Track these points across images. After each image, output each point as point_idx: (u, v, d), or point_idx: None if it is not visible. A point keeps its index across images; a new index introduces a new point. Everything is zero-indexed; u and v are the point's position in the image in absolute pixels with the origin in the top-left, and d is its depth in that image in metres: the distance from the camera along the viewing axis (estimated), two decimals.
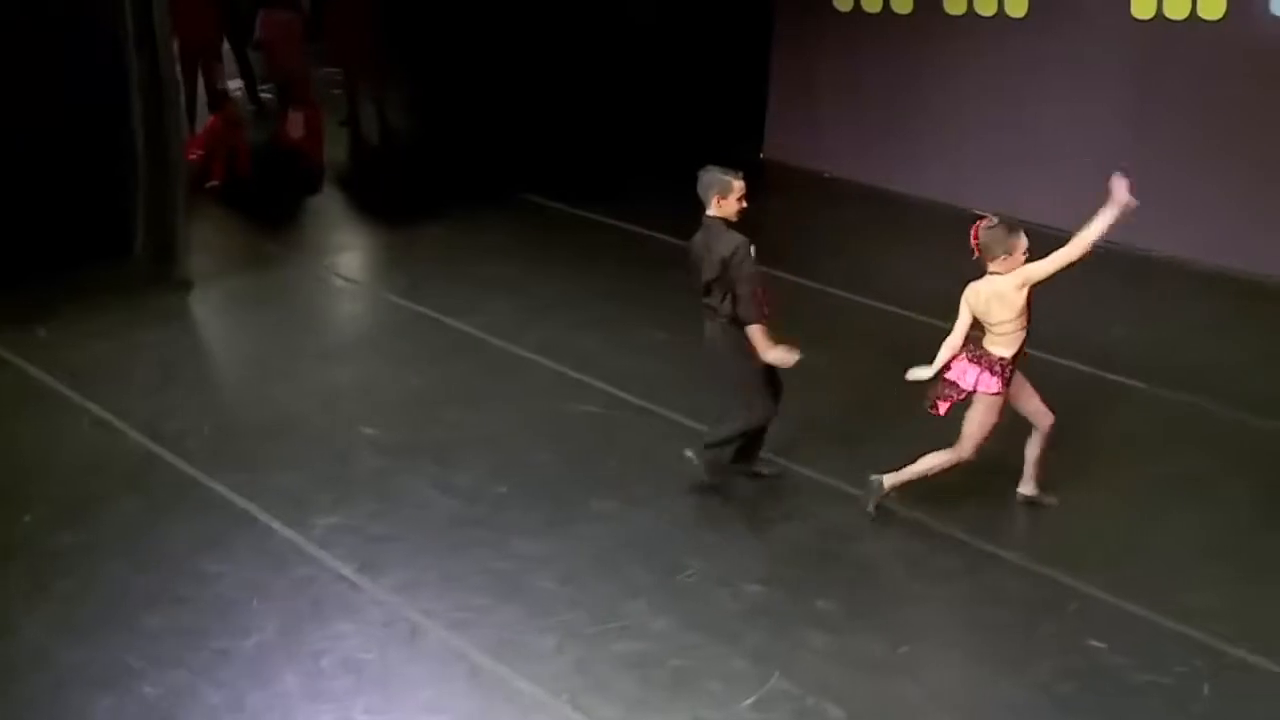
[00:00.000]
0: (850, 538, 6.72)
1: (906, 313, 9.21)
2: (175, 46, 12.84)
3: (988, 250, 6.34)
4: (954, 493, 6.85)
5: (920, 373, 6.59)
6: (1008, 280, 6.33)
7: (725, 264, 6.47)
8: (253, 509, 6.80)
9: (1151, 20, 10.15)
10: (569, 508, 6.90)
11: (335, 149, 13.51)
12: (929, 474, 6.67)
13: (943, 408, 6.58)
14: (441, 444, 7.54)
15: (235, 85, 14.88)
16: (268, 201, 12.19)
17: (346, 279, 10.35)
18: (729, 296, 6.52)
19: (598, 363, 8.53)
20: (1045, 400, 6.68)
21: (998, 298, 6.35)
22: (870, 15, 11.69)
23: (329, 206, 12.44)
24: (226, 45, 14.58)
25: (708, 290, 6.61)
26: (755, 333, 6.52)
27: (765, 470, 7.18)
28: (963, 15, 11.18)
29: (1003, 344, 6.43)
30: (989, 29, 11.07)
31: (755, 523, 6.90)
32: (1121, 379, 8.49)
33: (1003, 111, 11.11)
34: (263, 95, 15.04)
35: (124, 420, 7.73)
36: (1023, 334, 6.44)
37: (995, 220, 6.39)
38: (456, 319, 9.34)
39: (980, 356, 6.47)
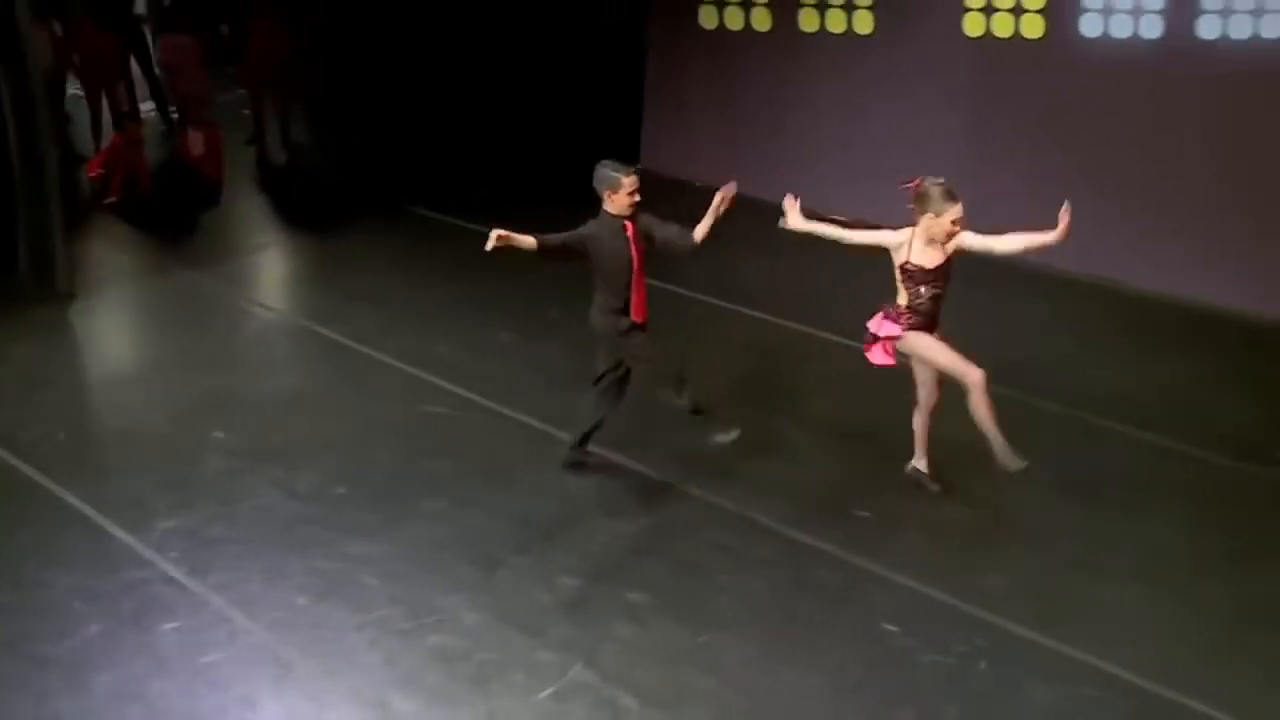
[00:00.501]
0: (674, 534, 6.69)
1: (767, 316, 9.15)
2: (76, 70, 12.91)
3: (921, 203, 6.40)
4: (781, 488, 6.92)
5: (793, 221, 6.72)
6: (934, 229, 6.36)
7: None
8: (93, 514, 6.68)
9: (981, 38, 10.21)
10: (403, 507, 6.83)
11: (239, 166, 13.30)
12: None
13: (876, 355, 6.60)
14: (289, 447, 7.43)
15: (148, 107, 14.61)
16: (165, 217, 11.98)
17: (225, 290, 10.16)
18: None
19: (453, 367, 8.44)
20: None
21: (920, 241, 6.41)
22: (733, 32, 11.67)
23: (223, 221, 12.25)
24: (137, 68, 14.31)
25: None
26: None
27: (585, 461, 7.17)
28: (816, 33, 11.19)
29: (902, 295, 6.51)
30: (840, 46, 11.08)
31: (581, 520, 6.81)
32: None
33: (854, 124, 11.13)
34: (173, 115, 14.77)
35: None
36: (931, 294, 6.46)
37: (942, 181, 6.40)
38: (324, 327, 9.26)
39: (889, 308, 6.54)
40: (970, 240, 6.39)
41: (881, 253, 6.58)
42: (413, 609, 5.95)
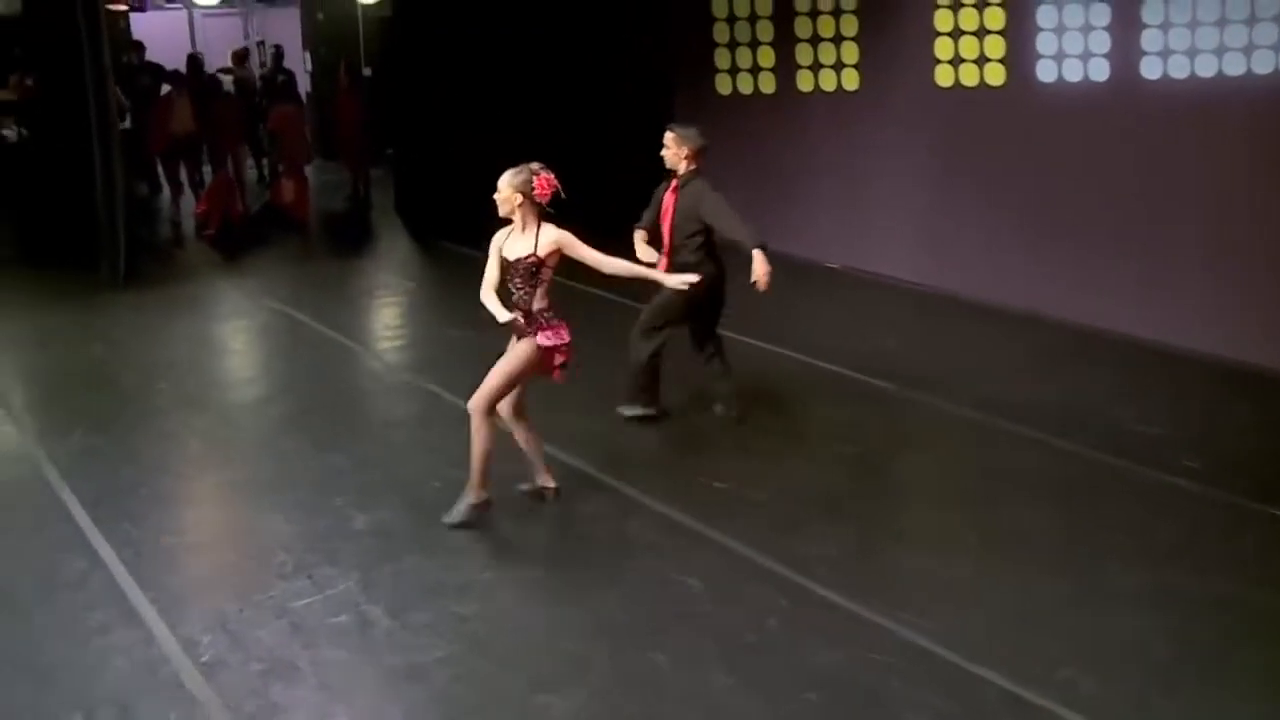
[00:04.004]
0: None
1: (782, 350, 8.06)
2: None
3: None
4: (647, 459, 6.16)
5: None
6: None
7: None
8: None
9: (951, 88, 9.25)
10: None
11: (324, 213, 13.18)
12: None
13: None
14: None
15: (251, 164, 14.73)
16: (247, 246, 11.70)
17: (244, 293, 9.84)
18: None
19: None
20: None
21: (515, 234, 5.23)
22: (745, 96, 10.89)
23: (288, 251, 11.86)
24: None
25: None
26: None
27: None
28: (811, 91, 10.33)
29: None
30: (831, 102, 10.21)
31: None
32: (867, 379, 7.37)
33: (845, 178, 10.21)
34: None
35: None
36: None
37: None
38: (300, 312, 8.98)
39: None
40: (577, 247, 5.19)
41: None
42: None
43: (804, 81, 10.37)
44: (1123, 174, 8.26)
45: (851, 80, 10.04)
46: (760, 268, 5.98)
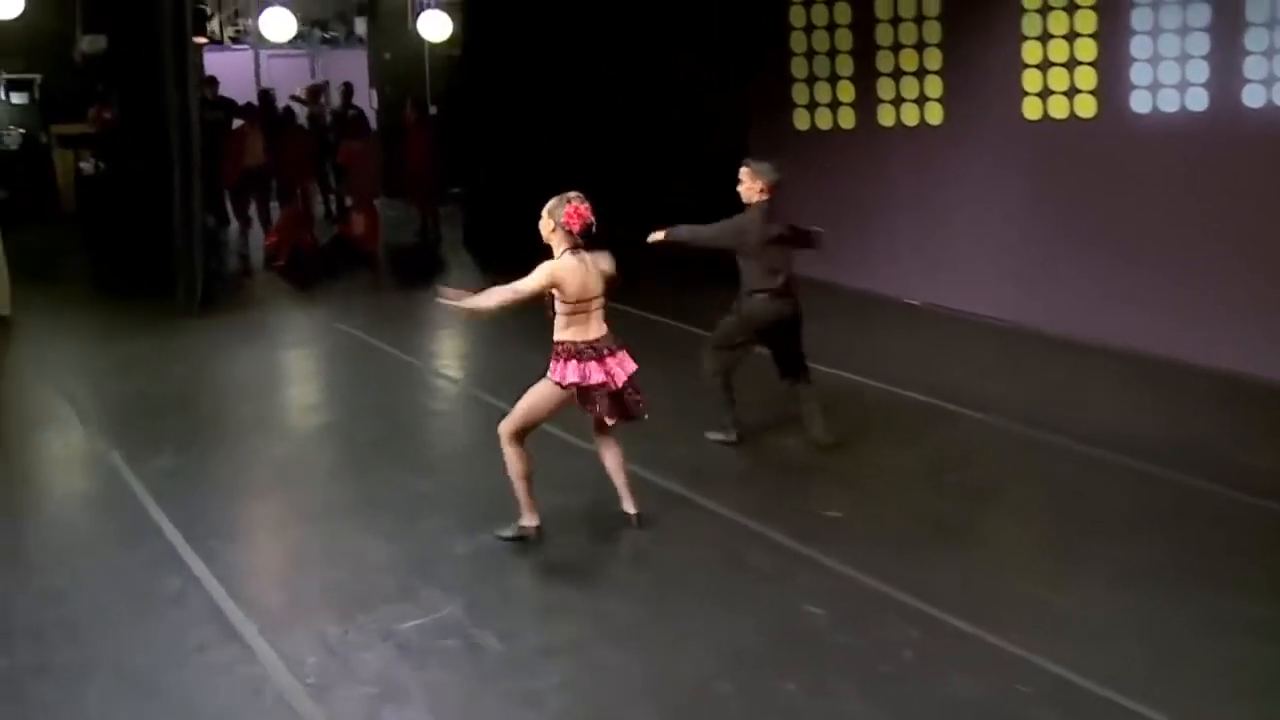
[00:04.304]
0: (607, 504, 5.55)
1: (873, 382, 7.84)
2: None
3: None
4: (753, 484, 5.95)
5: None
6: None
7: None
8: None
9: (1039, 121, 9.06)
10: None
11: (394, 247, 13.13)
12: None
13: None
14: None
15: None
16: (317, 277, 11.65)
17: (317, 320, 9.83)
18: None
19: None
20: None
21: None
22: (824, 131, 10.76)
23: (358, 282, 11.79)
24: None
25: None
26: None
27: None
28: (892, 126, 10.17)
29: None
30: (913, 137, 10.05)
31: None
32: (959, 409, 7.14)
33: (928, 213, 10.01)
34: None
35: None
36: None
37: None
38: (373, 338, 8.91)
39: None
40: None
41: None
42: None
43: (885, 116, 10.22)
44: (1223, 204, 8.02)
45: (935, 114, 9.89)
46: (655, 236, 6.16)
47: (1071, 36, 8.78)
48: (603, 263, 5.22)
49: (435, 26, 16.26)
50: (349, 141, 13.23)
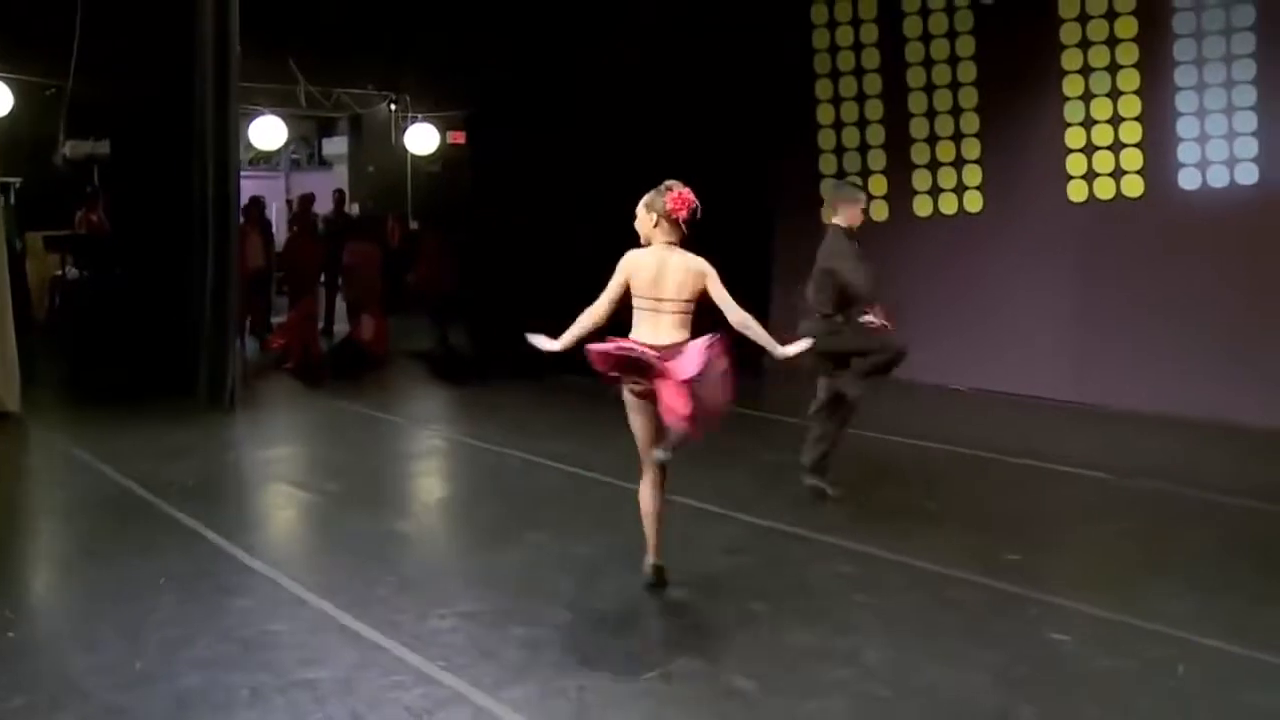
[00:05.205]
0: (797, 565, 5.38)
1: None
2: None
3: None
4: (917, 536, 5.69)
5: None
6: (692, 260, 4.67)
7: None
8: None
9: (1085, 203, 9.35)
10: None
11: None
12: None
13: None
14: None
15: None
16: (328, 377, 11.23)
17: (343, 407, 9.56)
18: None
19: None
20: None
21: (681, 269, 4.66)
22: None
23: (366, 384, 11.37)
24: None
25: None
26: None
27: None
28: (929, 216, 10.35)
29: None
30: (951, 225, 10.24)
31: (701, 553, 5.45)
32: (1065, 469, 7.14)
33: (969, 297, 10.15)
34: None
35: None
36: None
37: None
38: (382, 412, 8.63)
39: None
40: (718, 288, 4.74)
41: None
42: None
43: (921, 207, 10.42)
44: (1276, 272, 8.29)
45: (974, 203, 10.12)
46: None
47: (1116, 120, 9.13)
48: (694, 265, 4.63)
49: (422, 139, 16.34)
50: (356, 243, 12.99)
